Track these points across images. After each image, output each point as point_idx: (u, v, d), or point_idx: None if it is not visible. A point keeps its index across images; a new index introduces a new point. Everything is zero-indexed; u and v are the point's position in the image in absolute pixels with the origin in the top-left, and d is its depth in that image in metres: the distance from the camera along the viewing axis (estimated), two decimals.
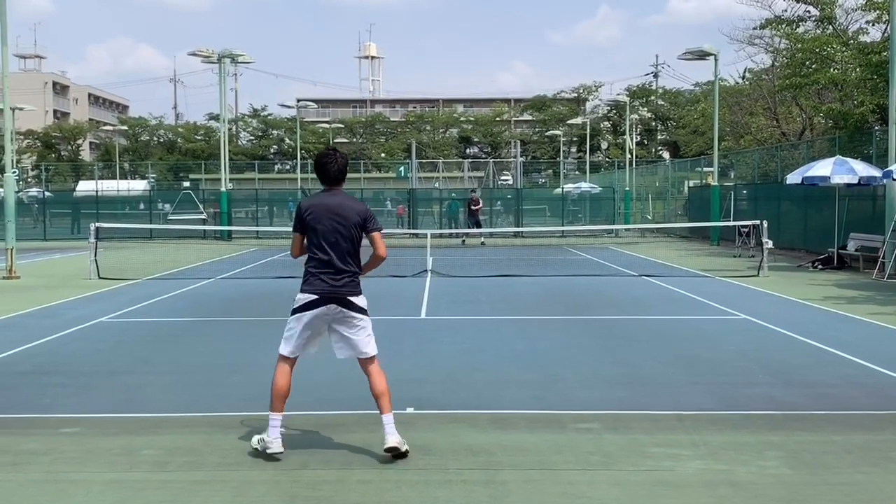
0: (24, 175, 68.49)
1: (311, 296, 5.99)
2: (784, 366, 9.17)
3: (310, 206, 6.08)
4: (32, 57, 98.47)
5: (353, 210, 6.07)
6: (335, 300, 5.98)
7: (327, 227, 5.98)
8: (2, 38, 19.72)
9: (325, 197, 6.11)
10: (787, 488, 5.38)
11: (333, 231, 5.98)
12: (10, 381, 8.63)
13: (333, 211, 6.00)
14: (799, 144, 30.70)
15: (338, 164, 6.10)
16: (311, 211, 6.03)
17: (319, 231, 5.99)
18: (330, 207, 6.02)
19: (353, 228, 6.01)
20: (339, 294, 5.98)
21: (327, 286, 5.97)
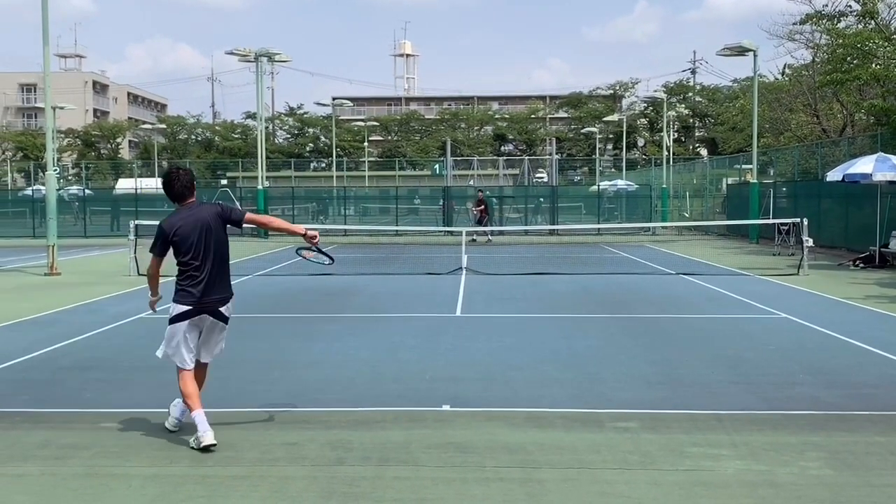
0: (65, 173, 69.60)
1: (186, 307, 6.26)
2: (825, 365, 9.04)
3: (171, 224, 6.28)
4: (73, 56, 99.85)
5: (212, 213, 6.34)
6: (207, 311, 6.30)
7: (196, 239, 6.21)
8: (44, 37, 20.02)
9: (184, 212, 6.34)
10: (828, 489, 5.31)
11: (203, 242, 6.23)
12: (51, 375, 8.76)
13: (198, 224, 6.24)
14: (840, 141, 30.25)
15: (181, 181, 6.34)
16: (175, 229, 6.24)
17: (188, 245, 6.21)
18: (192, 220, 6.26)
19: (220, 232, 6.33)
20: (213, 307, 6.33)
21: (200, 299, 6.26)
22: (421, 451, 6.07)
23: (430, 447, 6.15)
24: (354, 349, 10.01)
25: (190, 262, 6.23)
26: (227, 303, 6.43)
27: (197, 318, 6.28)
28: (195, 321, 6.29)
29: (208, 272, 6.25)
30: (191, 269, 6.23)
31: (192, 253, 6.21)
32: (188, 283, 6.24)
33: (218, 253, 6.31)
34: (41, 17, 19.86)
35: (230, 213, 6.45)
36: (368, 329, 11.58)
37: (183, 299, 6.25)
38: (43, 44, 20.10)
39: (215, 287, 6.30)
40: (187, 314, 6.25)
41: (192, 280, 6.23)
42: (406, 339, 10.82)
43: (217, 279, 6.31)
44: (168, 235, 6.24)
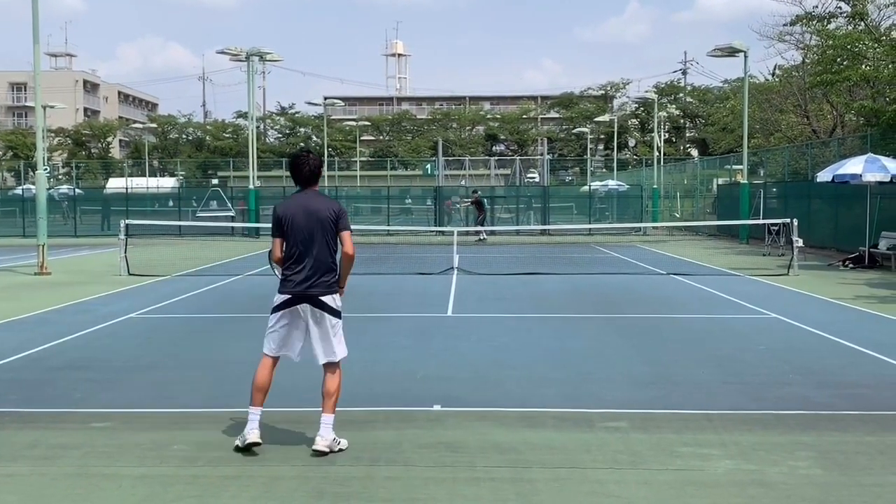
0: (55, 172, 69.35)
1: (286, 295, 6.07)
2: (815, 365, 9.08)
3: (285, 208, 6.16)
4: (63, 55, 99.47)
5: (328, 208, 6.12)
6: (307, 300, 6.04)
7: (303, 227, 6.05)
8: (34, 36, 19.94)
9: (301, 198, 6.19)
10: (818, 489, 5.33)
11: (309, 231, 6.05)
12: (41, 375, 8.73)
13: (309, 211, 6.08)
14: (830, 142, 30.35)
15: (309, 166, 6.18)
16: (286, 213, 6.10)
17: (295, 232, 6.06)
18: (305, 207, 6.10)
19: (329, 226, 6.08)
20: (312, 294, 6.04)
21: (300, 286, 6.03)
22: (412, 450, 6.07)
23: (421, 447, 6.15)
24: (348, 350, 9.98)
25: (291, 248, 6.09)
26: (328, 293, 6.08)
27: (294, 307, 6.07)
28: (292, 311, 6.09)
29: (310, 262, 6.03)
30: (293, 257, 6.08)
31: (294, 239, 6.06)
32: (289, 272, 6.09)
33: (321, 246, 6.06)
34: (31, 16, 19.78)
35: (344, 219, 6.17)
36: (360, 329, 11.55)
37: (282, 288, 6.11)
38: (33, 42, 20.02)
39: (315, 278, 6.04)
40: (285, 304, 6.08)
41: (292, 270, 6.07)
42: (397, 338, 10.82)
43: (318, 271, 6.05)
44: (281, 219, 6.10)
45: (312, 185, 6.25)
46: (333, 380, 6.11)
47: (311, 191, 6.23)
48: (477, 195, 34.59)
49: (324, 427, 5.98)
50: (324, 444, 5.93)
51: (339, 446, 6.01)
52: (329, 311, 6.08)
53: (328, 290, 6.08)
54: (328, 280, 6.09)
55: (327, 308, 6.07)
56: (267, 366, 6.16)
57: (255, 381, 6.12)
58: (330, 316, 6.08)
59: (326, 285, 6.08)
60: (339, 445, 6.02)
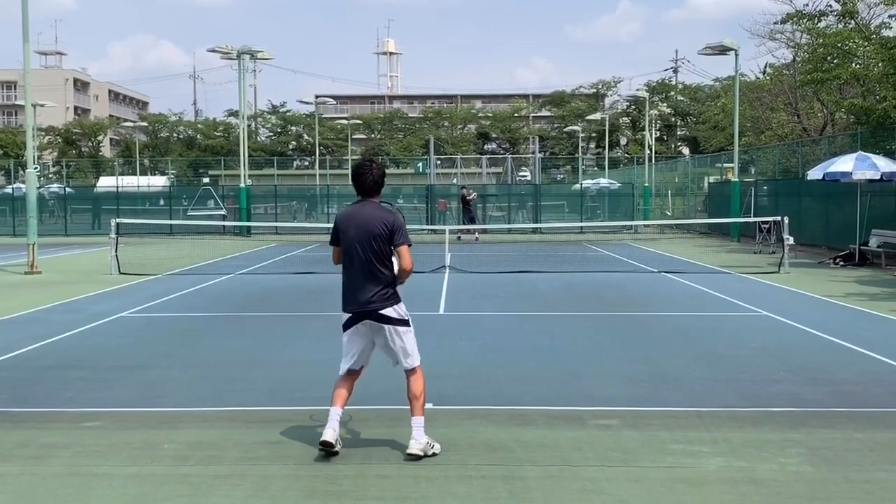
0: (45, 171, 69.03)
1: (347, 314, 6.01)
2: (805, 363, 9.11)
3: (341, 217, 6.07)
4: (53, 54, 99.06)
5: (381, 220, 5.91)
6: (367, 315, 5.93)
7: (354, 239, 5.92)
8: (24, 34, 19.86)
9: (356, 208, 6.06)
10: (808, 486, 5.35)
11: (359, 244, 5.90)
12: (32, 375, 8.70)
13: (360, 223, 5.93)
14: (820, 140, 30.47)
15: (373, 176, 6.03)
16: (341, 223, 6.02)
17: (347, 244, 5.95)
18: (358, 219, 5.97)
19: (380, 241, 5.88)
20: (370, 309, 5.91)
21: (356, 303, 5.94)
22: (403, 449, 6.05)
23: None
24: (337, 347, 9.97)
25: (345, 259, 6.00)
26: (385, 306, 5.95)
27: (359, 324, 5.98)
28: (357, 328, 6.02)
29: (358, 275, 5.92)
30: (347, 268, 5.99)
31: (348, 250, 5.96)
32: (343, 286, 6.01)
33: (372, 259, 5.91)
34: (21, 14, 19.70)
35: (400, 234, 5.95)
36: None
37: (344, 306, 6.02)
38: (23, 40, 19.94)
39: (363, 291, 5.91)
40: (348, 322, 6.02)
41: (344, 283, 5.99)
42: None
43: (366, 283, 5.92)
44: (337, 229, 6.02)
45: (373, 196, 6.04)
46: (417, 383, 6.02)
47: (369, 201, 6.03)
48: (464, 191, 34.52)
49: (416, 430, 5.88)
50: (418, 447, 5.82)
51: (433, 450, 5.89)
52: (392, 321, 5.95)
53: (386, 304, 5.92)
54: (384, 293, 5.93)
55: (390, 320, 5.94)
56: (345, 383, 6.10)
57: (334, 391, 6.07)
58: (393, 326, 5.95)
59: (384, 298, 5.92)
60: (433, 449, 5.89)
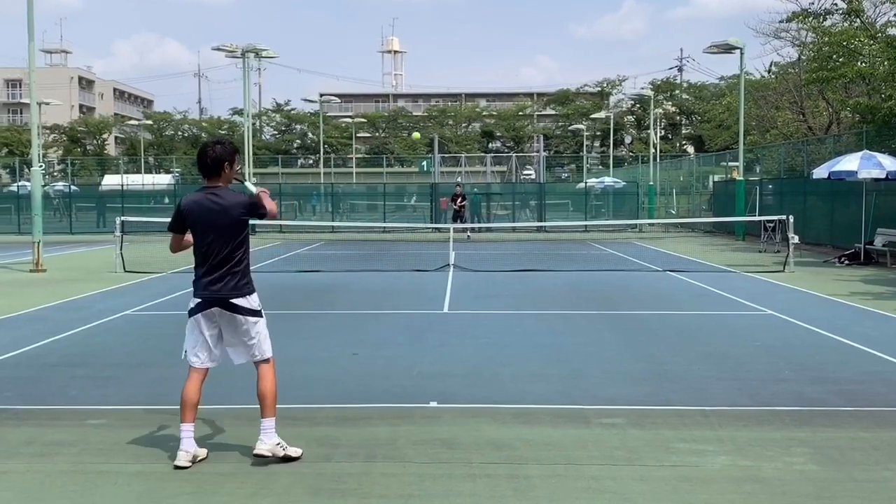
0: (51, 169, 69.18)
1: (197, 300, 5.77)
2: (810, 362, 9.09)
3: (188, 203, 5.75)
4: (58, 52, 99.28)
5: (236, 203, 5.68)
6: (218, 303, 5.71)
7: (207, 225, 5.68)
8: (29, 32, 19.89)
9: (204, 193, 5.73)
10: (813, 484, 5.34)
11: (214, 230, 5.66)
12: (37, 372, 8.71)
13: (213, 207, 5.66)
14: (825, 139, 30.39)
15: (213, 154, 5.69)
16: (190, 209, 5.71)
17: (199, 230, 5.70)
18: (208, 204, 5.68)
19: (235, 226, 5.69)
20: (221, 297, 5.70)
21: (209, 290, 5.70)
22: (408, 447, 6.07)
23: (416, 443, 6.15)
24: (341, 345, 10.00)
25: (196, 247, 5.78)
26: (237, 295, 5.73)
27: (209, 310, 5.75)
28: (207, 314, 5.78)
29: (214, 261, 5.71)
30: (198, 256, 5.78)
31: (199, 238, 5.74)
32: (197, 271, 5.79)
33: (227, 245, 5.70)
34: (26, 12, 19.73)
35: (256, 206, 5.74)
36: (355, 326, 11.57)
37: (195, 291, 5.78)
38: (28, 39, 19.97)
39: (223, 278, 5.71)
40: (198, 307, 5.77)
41: (199, 268, 5.79)
42: (393, 335, 10.81)
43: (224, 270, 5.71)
44: (182, 213, 5.75)
45: (216, 178, 5.74)
46: (267, 380, 5.84)
47: (216, 186, 5.75)
48: (459, 189, 34.43)
49: (265, 432, 5.71)
50: (265, 448, 5.68)
51: (285, 452, 5.72)
52: (243, 311, 5.76)
53: (239, 293, 5.72)
54: (238, 281, 5.72)
55: (241, 310, 5.75)
56: (195, 378, 5.88)
57: (184, 398, 5.77)
58: (242, 316, 5.76)
59: (237, 287, 5.71)
60: (284, 451, 5.71)
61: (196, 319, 5.82)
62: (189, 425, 5.70)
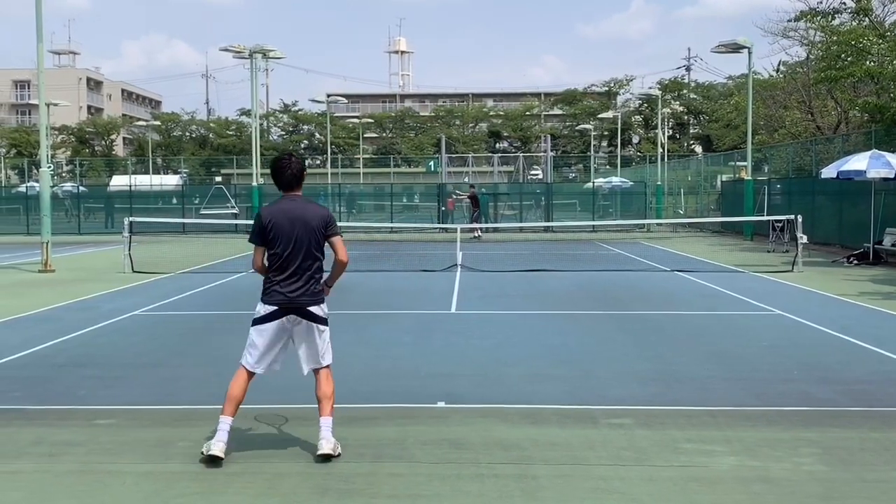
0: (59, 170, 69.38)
1: (271, 307, 5.84)
2: (819, 362, 9.07)
3: (271, 213, 5.88)
4: (67, 53, 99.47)
5: (316, 214, 5.88)
6: (295, 311, 5.83)
7: (290, 234, 5.80)
8: (38, 34, 19.96)
9: (286, 203, 5.91)
10: (822, 485, 5.32)
11: (296, 238, 5.80)
12: (46, 372, 8.74)
13: (296, 217, 5.82)
14: (834, 138, 30.29)
15: (292, 170, 5.91)
16: (272, 219, 5.84)
17: (281, 239, 5.82)
18: (291, 214, 5.83)
19: (317, 234, 5.84)
20: (300, 304, 5.83)
21: (286, 297, 5.81)
22: (416, 447, 6.07)
23: (424, 443, 6.15)
24: (349, 345, 10.00)
25: (276, 256, 5.84)
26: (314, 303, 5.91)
27: (283, 318, 5.84)
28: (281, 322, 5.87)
29: (294, 270, 5.83)
30: (277, 263, 5.85)
31: (280, 247, 5.82)
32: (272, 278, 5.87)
33: (308, 253, 5.85)
34: (35, 14, 19.79)
35: (332, 226, 5.94)
36: (363, 326, 11.57)
37: (269, 298, 5.85)
38: (37, 40, 20.04)
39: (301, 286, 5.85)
40: (272, 315, 5.85)
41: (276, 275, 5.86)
42: (401, 335, 10.82)
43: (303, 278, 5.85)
44: (265, 225, 5.83)
45: (295, 190, 5.96)
46: (328, 383, 5.93)
47: (295, 195, 5.94)
48: (473, 190, 34.47)
49: (325, 429, 5.82)
50: (329, 447, 5.77)
51: (339, 450, 5.85)
52: (317, 319, 5.90)
53: (315, 300, 5.89)
54: (314, 289, 5.89)
55: (315, 317, 5.89)
56: (243, 378, 5.93)
57: (229, 393, 5.86)
58: (317, 325, 5.90)
59: (313, 294, 5.88)
60: (339, 450, 5.85)
61: (265, 327, 5.88)
62: (227, 419, 5.80)
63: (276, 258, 5.86)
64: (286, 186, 5.95)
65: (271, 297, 5.84)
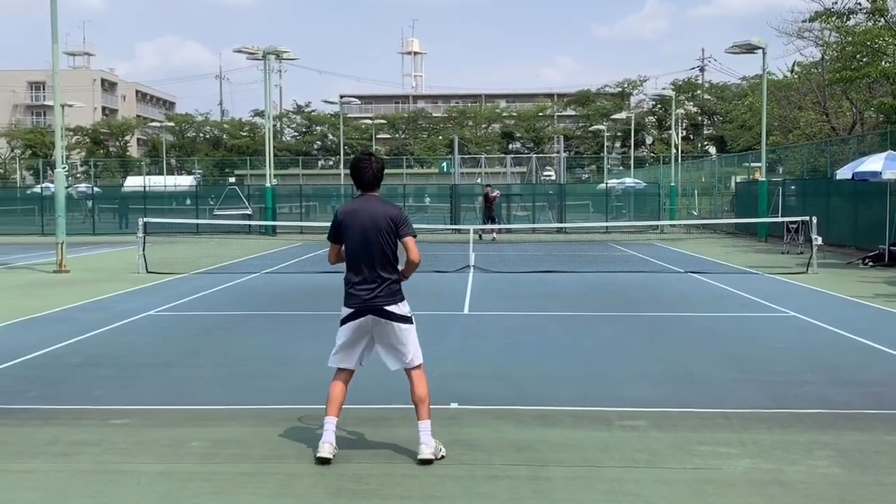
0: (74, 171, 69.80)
1: (349, 309, 5.89)
2: (834, 364, 9.02)
3: (344, 213, 5.94)
4: (81, 54, 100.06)
5: (386, 215, 5.84)
6: (371, 311, 5.83)
7: (360, 234, 5.83)
8: (53, 35, 20.06)
9: (359, 203, 5.94)
10: (837, 488, 5.29)
11: (366, 239, 5.82)
12: (61, 372, 8.79)
13: (366, 217, 5.84)
14: (849, 139, 30.14)
15: (372, 170, 5.91)
16: (344, 218, 5.89)
17: (352, 239, 5.86)
18: (362, 214, 5.86)
19: (386, 235, 5.81)
20: (375, 304, 5.82)
21: (361, 298, 5.84)
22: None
23: None
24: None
25: (348, 256, 5.89)
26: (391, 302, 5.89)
27: (362, 319, 5.86)
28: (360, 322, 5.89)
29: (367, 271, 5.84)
30: (351, 263, 5.88)
31: (351, 246, 5.86)
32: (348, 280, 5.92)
33: (380, 253, 5.84)
34: (50, 15, 19.91)
35: (405, 226, 5.91)
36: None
37: (347, 301, 5.88)
38: (52, 41, 20.15)
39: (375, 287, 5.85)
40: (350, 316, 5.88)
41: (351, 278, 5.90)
42: None
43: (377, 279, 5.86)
44: (339, 224, 5.88)
45: (373, 190, 5.95)
46: (421, 385, 5.91)
47: (371, 196, 5.94)
48: (488, 189, 34.27)
49: (424, 434, 5.80)
50: (429, 451, 5.74)
51: (441, 452, 5.81)
52: (396, 318, 5.87)
53: (392, 300, 5.86)
54: (390, 288, 5.87)
55: (394, 316, 5.86)
56: (340, 381, 5.95)
57: (329, 395, 5.89)
58: (397, 323, 5.86)
59: (390, 294, 5.85)
60: (441, 452, 5.82)
61: (347, 328, 5.92)
62: (331, 419, 5.82)
63: (349, 258, 5.90)
64: (365, 186, 5.95)
65: (349, 299, 5.89)
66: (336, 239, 5.96)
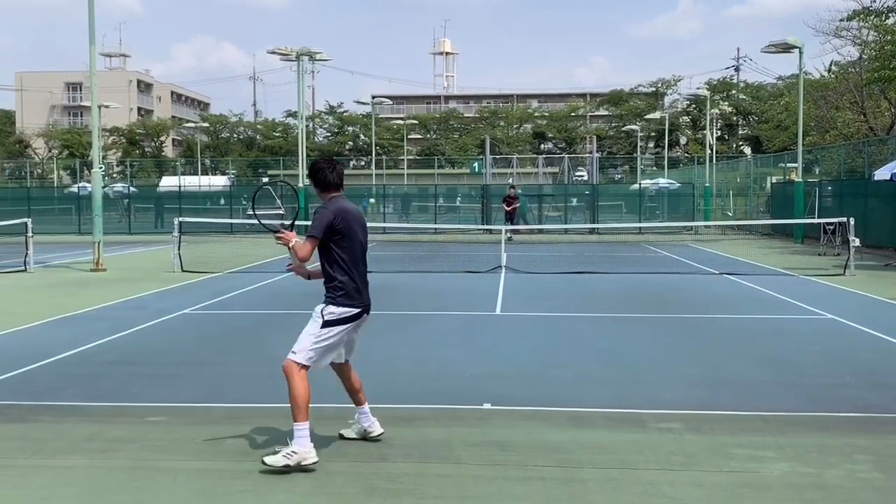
0: (110, 171, 70.63)
1: (355, 309, 5.90)
2: (872, 367, 8.89)
3: (339, 213, 5.80)
4: (118, 56, 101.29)
5: (362, 216, 6.09)
6: (368, 310, 6.06)
7: (359, 235, 5.94)
8: (90, 37, 20.32)
9: (344, 203, 5.91)
10: (878, 493, 5.21)
11: (360, 239, 5.96)
12: (98, 370, 8.90)
13: (359, 218, 5.99)
14: (887, 139, 29.69)
15: (340, 170, 6.01)
16: (344, 218, 5.81)
17: (355, 239, 5.89)
18: (355, 214, 5.95)
19: (366, 234, 6.07)
20: (369, 303, 6.09)
21: (365, 297, 6.02)
22: (462, 448, 6.06)
23: (471, 445, 6.15)
24: (395, 346, 10.04)
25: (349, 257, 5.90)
26: None
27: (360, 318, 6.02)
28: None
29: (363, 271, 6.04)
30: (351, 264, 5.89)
31: (351, 248, 5.88)
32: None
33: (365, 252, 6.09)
34: (87, 17, 20.17)
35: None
36: (408, 326, 11.60)
37: (352, 301, 5.89)
38: (89, 43, 20.39)
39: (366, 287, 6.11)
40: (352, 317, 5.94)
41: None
42: (446, 337, 10.82)
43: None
44: (333, 223, 5.77)
45: (340, 189, 6.00)
46: (355, 374, 6.27)
47: (343, 196, 6.00)
48: (513, 191, 33.97)
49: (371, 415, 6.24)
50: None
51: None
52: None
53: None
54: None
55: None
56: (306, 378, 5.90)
57: (304, 398, 5.76)
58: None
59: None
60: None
61: (348, 327, 5.95)
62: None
63: (352, 258, 5.88)
64: (341, 186, 5.99)
65: (354, 298, 5.91)
66: (326, 236, 5.77)
